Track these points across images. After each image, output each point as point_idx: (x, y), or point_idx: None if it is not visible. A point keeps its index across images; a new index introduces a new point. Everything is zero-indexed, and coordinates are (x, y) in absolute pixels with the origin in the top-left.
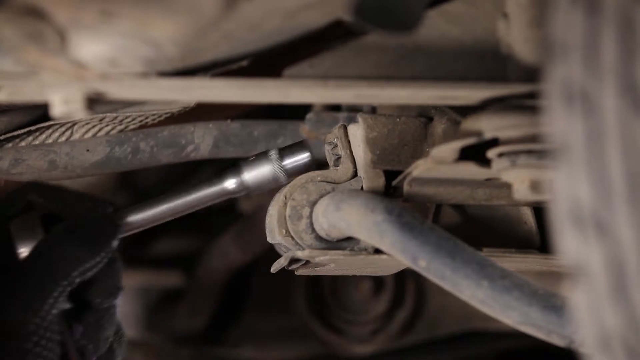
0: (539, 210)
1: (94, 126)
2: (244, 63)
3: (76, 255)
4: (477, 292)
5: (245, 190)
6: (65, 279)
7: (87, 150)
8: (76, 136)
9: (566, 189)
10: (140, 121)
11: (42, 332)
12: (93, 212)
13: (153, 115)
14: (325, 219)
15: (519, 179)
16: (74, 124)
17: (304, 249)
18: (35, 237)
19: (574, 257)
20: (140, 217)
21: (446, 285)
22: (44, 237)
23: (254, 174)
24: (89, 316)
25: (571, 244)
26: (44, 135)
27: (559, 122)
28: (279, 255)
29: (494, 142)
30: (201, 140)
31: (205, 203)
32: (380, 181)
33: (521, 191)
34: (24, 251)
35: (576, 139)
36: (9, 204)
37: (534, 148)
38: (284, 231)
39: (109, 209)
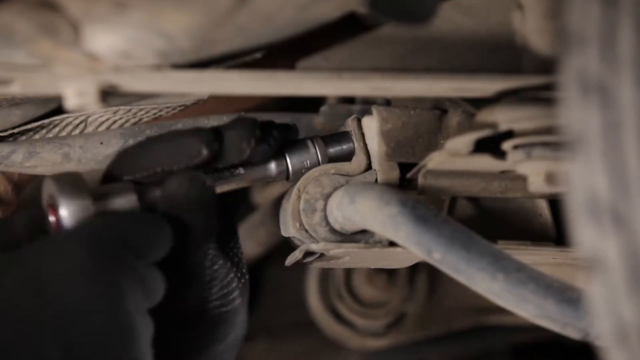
0: (554, 203)
1: (107, 119)
2: (258, 55)
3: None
4: (492, 285)
5: (285, 176)
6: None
7: (101, 143)
8: (90, 129)
9: (582, 180)
10: (154, 114)
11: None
12: None
13: (167, 107)
14: (340, 212)
15: (534, 171)
16: (88, 117)
17: (318, 242)
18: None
19: (590, 249)
20: None
21: (461, 278)
22: None
23: (297, 160)
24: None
25: (588, 236)
26: (57, 128)
27: (575, 113)
28: (292, 249)
29: (509, 134)
30: None
31: (245, 184)
32: (395, 174)
33: (536, 183)
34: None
35: (593, 131)
36: None
37: (549, 140)
38: (297, 224)
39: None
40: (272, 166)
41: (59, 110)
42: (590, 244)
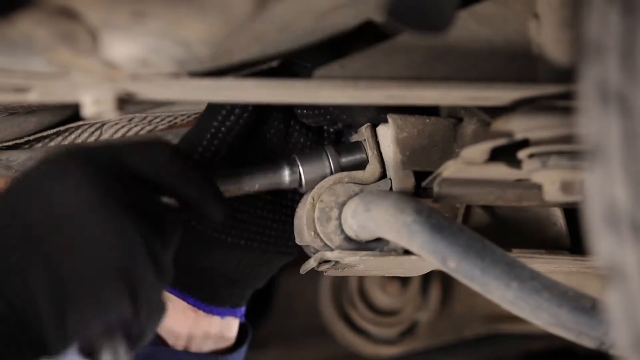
0: (569, 212)
1: (123, 126)
2: (275, 63)
3: None
4: (506, 293)
5: (298, 184)
6: None
7: None
8: (105, 136)
9: (601, 190)
10: (169, 121)
11: None
12: None
13: (182, 115)
14: (355, 220)
15: (549, 180)
16: (103, 124)
17: (333, 250)
18: None
19: (608, 258)
20: None
21: (475, 286)
22: None
23: (310, 169)
24: None
25: (606, 245)
26: (73, 136)
27: (594, 123)
28: (305, 256)
29: (525, 143)
30: None
31: (255, 191)
32: (410, 182)
33: (552, 192)
34: None
35: (612, 140)
36: None
37: (565, 149)
38: (312, 233)
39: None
40: (285, 173)
41: (74, 117)
42: (608, 253)
